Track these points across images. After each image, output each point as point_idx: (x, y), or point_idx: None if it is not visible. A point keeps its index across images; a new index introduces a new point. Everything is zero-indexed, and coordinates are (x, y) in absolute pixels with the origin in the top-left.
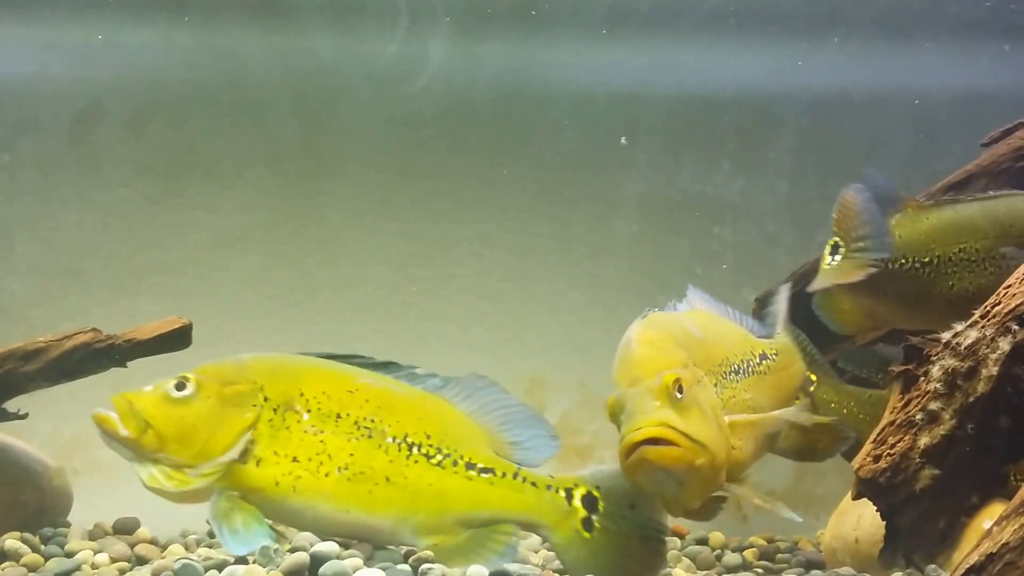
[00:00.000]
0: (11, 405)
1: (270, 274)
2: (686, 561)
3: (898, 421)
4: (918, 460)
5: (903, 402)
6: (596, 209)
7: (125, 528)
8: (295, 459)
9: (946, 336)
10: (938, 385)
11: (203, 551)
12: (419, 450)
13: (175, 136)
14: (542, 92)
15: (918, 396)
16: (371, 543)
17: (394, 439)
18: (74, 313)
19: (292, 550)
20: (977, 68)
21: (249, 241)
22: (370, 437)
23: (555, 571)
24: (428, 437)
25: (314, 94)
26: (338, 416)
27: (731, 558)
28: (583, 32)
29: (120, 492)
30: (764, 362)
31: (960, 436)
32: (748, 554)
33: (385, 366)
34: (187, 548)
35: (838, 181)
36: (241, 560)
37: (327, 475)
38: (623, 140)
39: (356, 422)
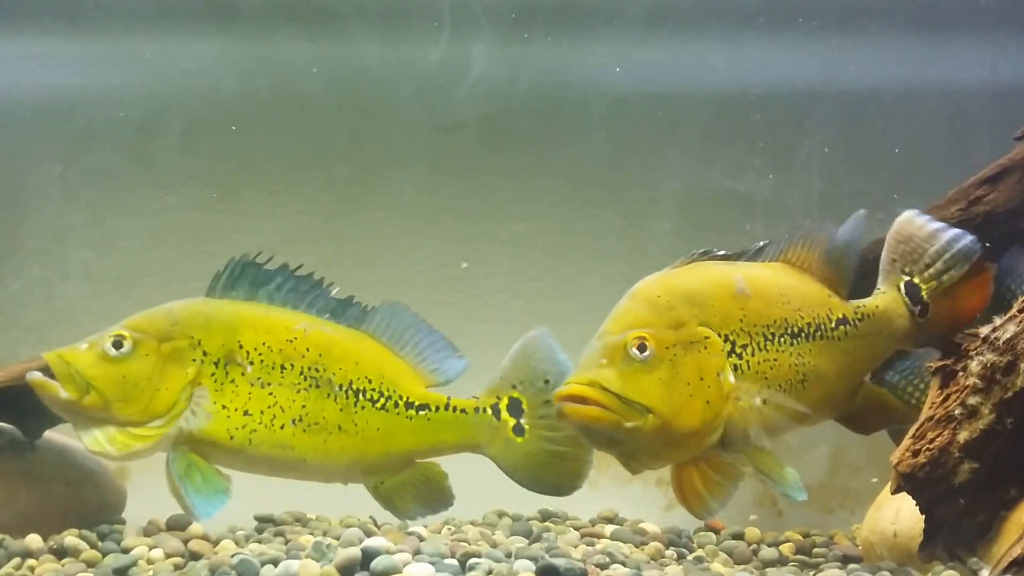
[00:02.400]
0: None
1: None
2: (723, 555)
3: (937, 416)
4: (957, 454)
5: (942, 397)
6: (629, 207)
7: (178, 525)
8: (247, 412)
9: (984, 331)
10: (977, 380)
11: (254, 546)
12: (364, 396)
13: (222, 144)
14: (575, 93)
15: (957, 391)
16: (320, 482)
17: (340, 387)
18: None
19: (343, 545)
20: (1010, 61)
21: (292, 245)
22: (317, 387)
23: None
24: (369, 382)
25: (360, 101)
26: (283, 367)
27: (767, 552)
28: (617, 34)
29: (167, 490)
30: (842, 327)
31: (999, 430)
32: (784, 548)
33: (309, 289)
34: (237, 544)
35: (870, 176)
36: (293, 555)
37: (282, 427)
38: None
39: (301, 372)
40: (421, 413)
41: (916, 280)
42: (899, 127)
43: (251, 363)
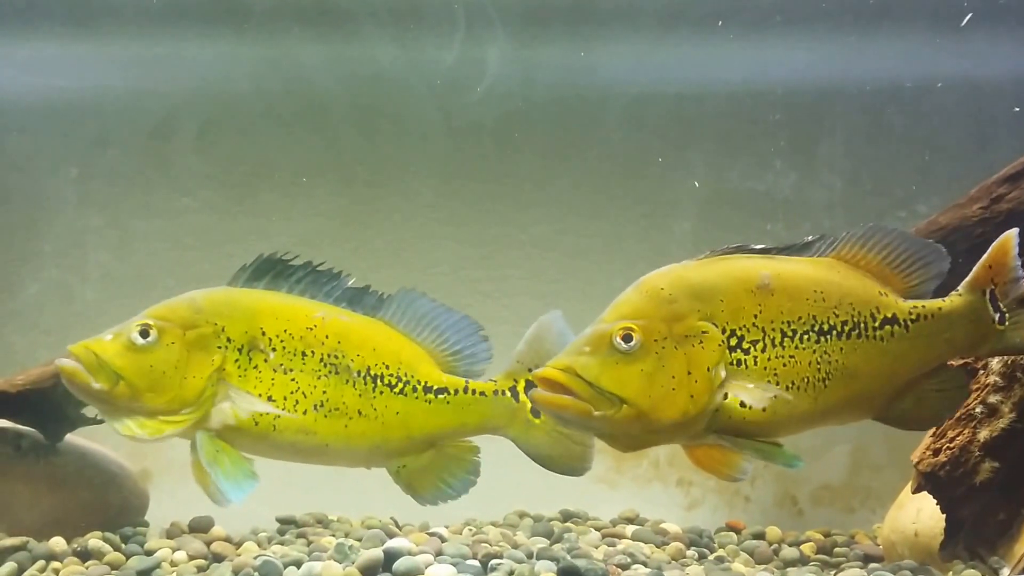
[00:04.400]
0: (89, 411)
1: None
2: (744, 555)
3: (958, 414)
4: (978, 453)
5: None
6: (649, 208)
7: (200, 527)
8: (270, 398)
9: None
10: (997, 378)
11: (277, 548)
12: (382, 381)
13: (238, 146)
14: (595, 94)
15: (977, 389)
16: (343, 467)
17: (359, 373)
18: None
19: (366, 547)
20: None
21: (309, 247)
22: (337, 373)
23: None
24: (387, 367)
25: (376, 103)
26: (304, 354)
27: (789, 552)
28: (635, 34)
29: (191, 491)
30: (888, 327)
31: (1020, 429)
32: (805, 548)
33: (327, 279)
34: (259, 545)
35: (891, 175)
36: (316, 557)
37: (304, 413)
38: None
39: (321, 359)
40: (440, 397)
41: (998, 291)
42: (920, 125)
43: (273, 350)
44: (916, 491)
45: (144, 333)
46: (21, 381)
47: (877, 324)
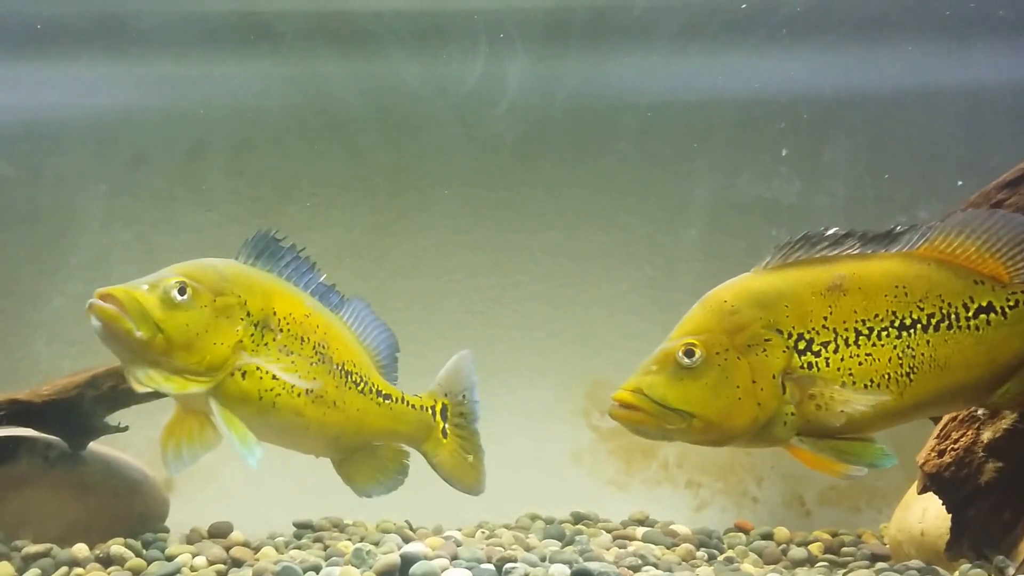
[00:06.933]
0: (113, 419)
1: (347, 289)
2: (753, 556)
3: (961, 416)
4: (982, 454)
5: None
6: (656, 214)
7: (219, 532)
8: (275, 376)
9: None
10: None
11: (295, 553)
12: (351, 378)
13: (262, 161)
14: (606, 105)
15: None
16: (297, 452)
17: (338, 366)
18: None
19: (383, 552)
20: None
21: (331, 257)
22: (323, 363)
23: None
24: (355, 365)
25: (397, 118)
26: (302, 339)
27: (797, 552)
28: (646, 48)
29: (209, 497)
30: (983, 315)
31: (1022, 429)
32: (813, 548)
33: (307, 269)
34: (277, 550)
35: (893, 182)
36: (333, 561)
37: (299, 395)
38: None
39: (314, 347)
40: (386, 402)
41: None
42: (921, 133)
43: (280, 331)
44: (922, 492)
45: (182, 290)
46: (47, 392)
47: (971, 314)
